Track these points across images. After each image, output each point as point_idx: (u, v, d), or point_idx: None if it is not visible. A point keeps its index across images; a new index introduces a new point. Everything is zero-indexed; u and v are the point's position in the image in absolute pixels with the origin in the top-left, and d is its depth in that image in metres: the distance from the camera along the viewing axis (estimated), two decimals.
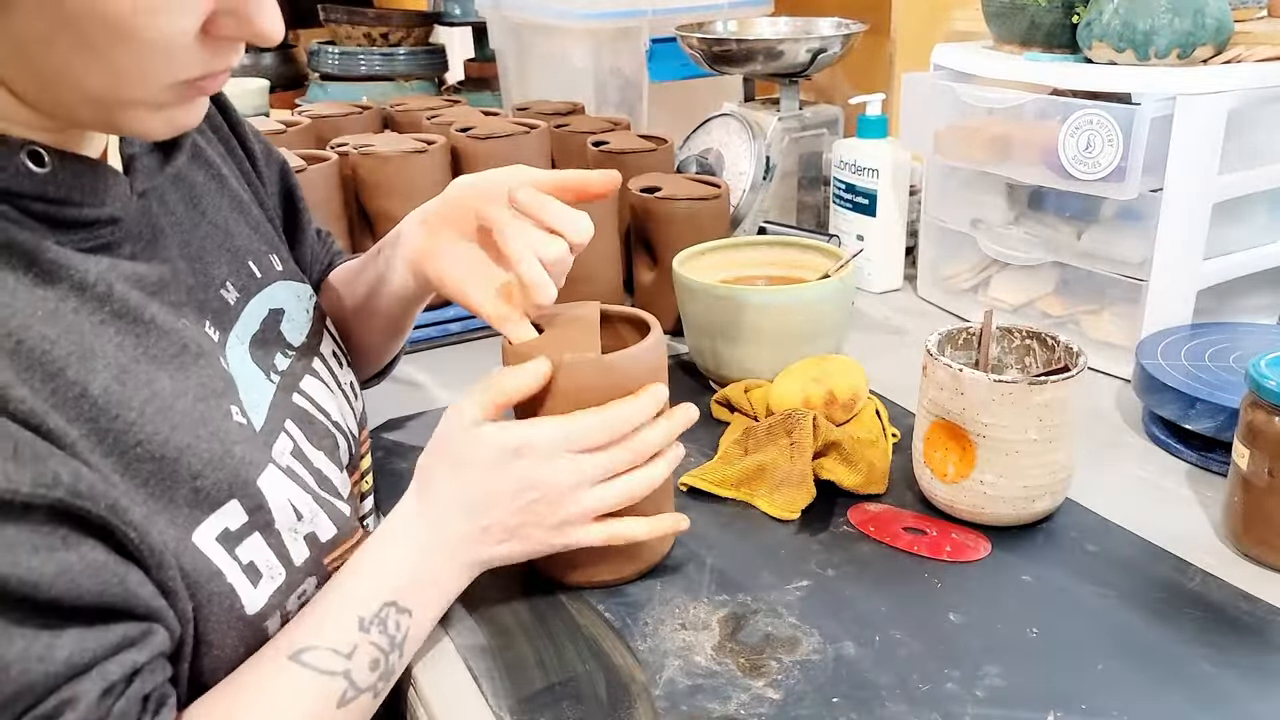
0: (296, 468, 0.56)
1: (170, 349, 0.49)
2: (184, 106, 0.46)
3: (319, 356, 0.64)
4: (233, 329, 0.57)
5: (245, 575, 0.49)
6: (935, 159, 1.06)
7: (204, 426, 0.49)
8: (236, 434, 0.51)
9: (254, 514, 0.50)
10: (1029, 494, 0.67)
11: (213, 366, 0.52)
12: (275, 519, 0.51)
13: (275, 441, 0.55)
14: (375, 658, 0.52)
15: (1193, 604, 0.61)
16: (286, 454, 0.55)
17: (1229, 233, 0.91)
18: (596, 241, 0.98)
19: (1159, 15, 0.83)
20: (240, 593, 0.49)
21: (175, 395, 0.48)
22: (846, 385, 0.77)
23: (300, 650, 0.50)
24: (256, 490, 0.51)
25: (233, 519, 0.49)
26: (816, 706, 0.54)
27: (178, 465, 0.47)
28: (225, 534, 0.49)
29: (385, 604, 0.54)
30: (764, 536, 0.70)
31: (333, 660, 0.50)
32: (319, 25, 2.13)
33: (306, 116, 1.15)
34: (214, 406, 0.50)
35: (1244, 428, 0.64)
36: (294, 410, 0.58)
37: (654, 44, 1.36)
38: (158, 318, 0.49)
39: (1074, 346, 0.70)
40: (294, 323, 0.62)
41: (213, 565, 0.48)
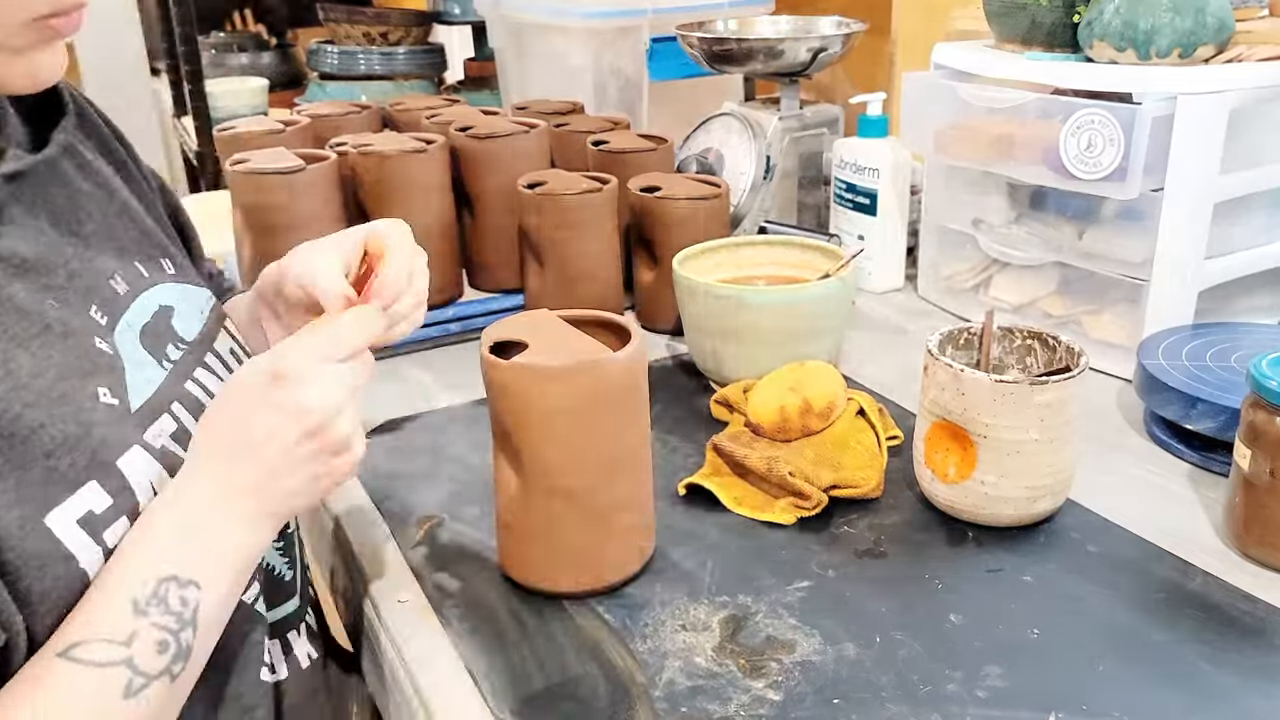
0: (177, 450, 0.55)
1: (31, 329, 0.49)
2: (42, 51, 0.47)
3: (213, 353, 0.63)
4: (123, 316, 0.57)
5: (105, 559, 0.48)
6: (936, 158, 1.06)
7: (62, 406, 0.48)
8: (102, 415, 0.50)
9: (117, 496, 0.49)
10: (1030, 495, 0.67)
11: (81, 347, 0.52)
12: (140, 501, 0.50)
13: (155, 422, 0.54)
14: (161, 639, 0.48)
15: (1194, 604, 0.61)
16: (165, 435, 0.54)
17: (1230, 232, 0.90)
18: (596, 241, 0.98)
19: (1160, 14, 0.83)
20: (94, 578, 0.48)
21: (33, 374, 0.48)
22: (822, 393, 0.76)
23: (71, 646, 0.46)
24: (117, 471, 0.50)
25: (95, 501, 0.48)
26: (817, 708, 0.54)
27: (29, 443, 0.46)
28: (89, 516, 0.48)
29: (162, 580, 0.48)
30: (764, 537, 0.69)
31: (108, 650, 0.46)
32: (318, 25, 2.13)
33: (305, 116, 1.15)
34: (77, 386, 0.50)
35: (1245, 428, 0.64)
36: (184, 395, 0.58)
37: (654, 43, 1.36)
38: (17, 297, 0.49)
39: (1075, 347, 0.70)
40: (185, 320, 0.62)
41: (63, 549, 0.46)
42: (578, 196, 0.95)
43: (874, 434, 0.78)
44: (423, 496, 0.76)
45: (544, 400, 0.58)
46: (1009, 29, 0.97)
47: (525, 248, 1.00)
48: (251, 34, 2.65)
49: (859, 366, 0.95)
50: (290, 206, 0.94)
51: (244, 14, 2.85)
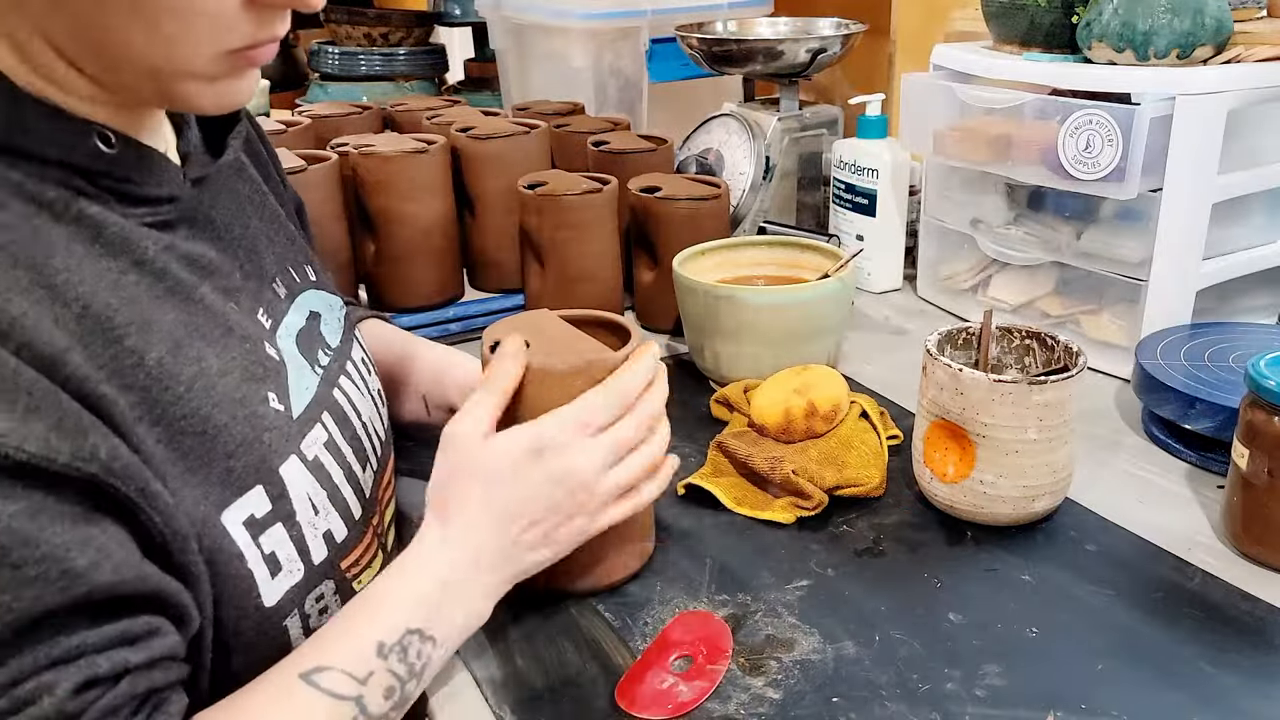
0: (326, 460, 0.56)
1: (217, 330, 0.50)
2: (234, 79, 0.48)
3: (350, 360, 0.65)
4: (283, 320, 0.58)
5: (265, 564, 0.49)
6: (935, 159, 1.06)
7: (242, 408, 0.50)
8: (270, 420, 0.52)
9: (277, 502, 0.50)
10: (1029, 494, 0.67)
11: (257, 351, 0.53)
12: (296, 510, 0.52)
13: (310, 430, 0.55)
14: (391, 685, 0.50)
15: (1192, 604, 0.61)
16: (318, 444, 0.55)
17: (1228, 233, 0.91)
18: (596, 241, 0.98)
19: (1158, 15, 0.83)
20: (259, 581, 0.49)
21: (220, 374, 0.49)
22: (827, 396, 0.76)
23: (313, 670, 0.48)
24: (279, 479, 0.51)
25: (258, 505, 0.49)
26: (816, 706, 0.54)
27: (215, 443, 0.47)
28: (251, 520, 0.49)
29: (409, 631, 0.51)
30: (764, 536, 0.70)
31: (346, 684, 0.48)
32: (319, 25, 2.13)
33: (307, 116, 1.15)
34: (253, 390, 0.51)
35: (1243, 428, 0.64)
36: (332, 404, 0.59)
37: (654, 44, 1.37)
38: (207, 298, 0.51)
39: (1073, 346, 0.70)
40: (329, 326, 0.63)
41: (236, 547, 0.48)
42: (578, 197, 0.95)
43: (876, 435, 0.78)
44: (423, 497, 0.76)
45: (544, 400, 0.59)
46: (1007, 30, 0.97)
47: (525, 248, 1.00)
48: None
49: (858, 366, 0.95)
50: None
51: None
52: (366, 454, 0.61)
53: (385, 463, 0.65)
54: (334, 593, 0.54)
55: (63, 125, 0.45)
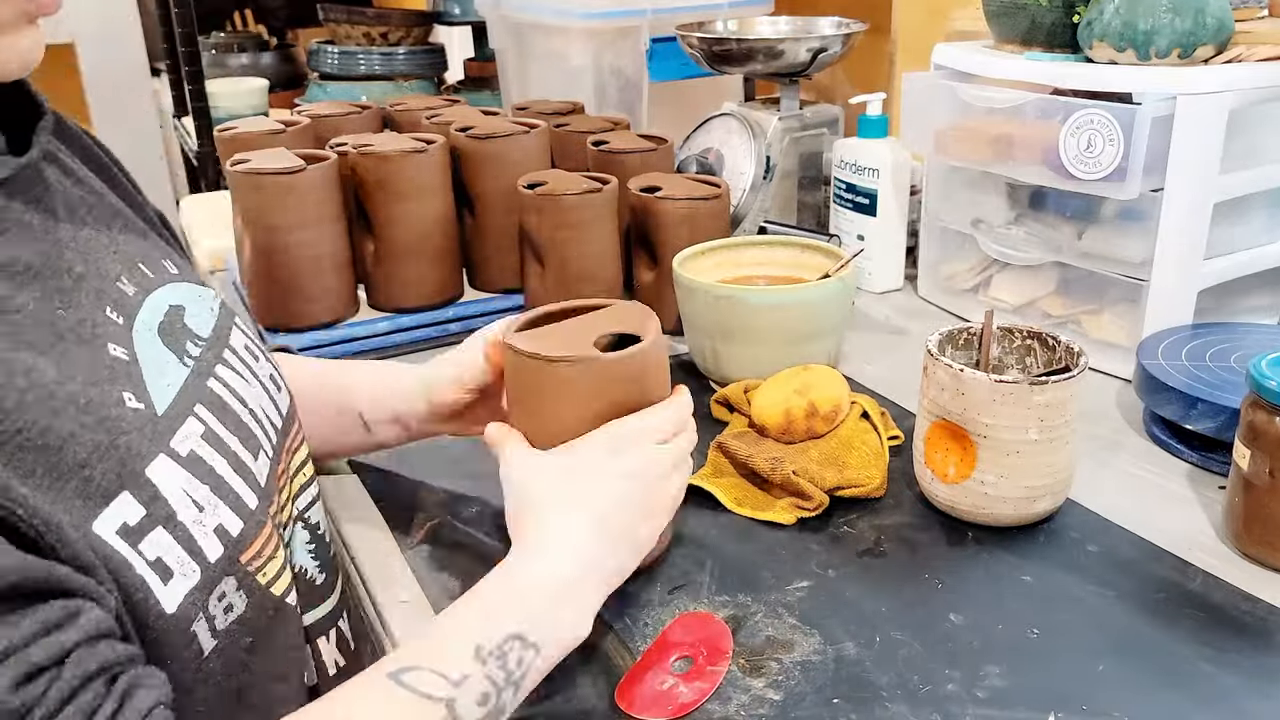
0: (205, 453, 0.53)
1: (47, 336, 0.48)
2: (23, 32, 0.47)
3: (229, 348, 0.62)
4: (138, 315, 0.56)
5: (154, 571, 0.47)
6: (936, 159, 1.06)
7: (88, 414, 0.47)
8: (128, 421, 0.49)
9: (151, 505, 0.48)
10: (1030, 494, 0.67)
11: (101, 352, 0.51)
12: (175, 511, 0.49)
13: (181, 426, 0.53)
14: (486, 691, 0.48)
15: (1193, 604, 0.61)
16: (193, 438, 0.53)
17: (1230, 232, 0.90)
18: (596, 242, 0.98)
19: (1160, 15, 0.83)
20: (152, 588, 0.46)
21: (58, 382, 0.46)
22: (828, 397, 0.76)
23: (403, 669, 0.47)
24: (147, 480, 0.49)
25: (130, 512, 0.47)
26: (817, 707, 0.54)
27: (62, 455, 0.45)
28: (125, 528, 0.46)
29: (510, 636, 0.50)
30: (764, 537, 0.69)
31: (436, 684, 0.47)
32: (318, 25, 2.13)
33: (306, 116, 1.15)
34: (104, 392, 0.49)
35: (1245, 428, 0.64)
36: (207, 395, 0.57)
37: (654, 44, 1.36)
38: (29, 306, 0.48)
39: (1075, 347, 0.70)
40: (197, 317, 0.61)
41: (119, 555, 0.45)
42: (578, 197, 0.95)
43: (877, 435, 0.78)
44: (423, 496, 0.76)
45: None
46: (1008, 29, 0.97)
47: (525, 248, 1.00)
48: (252, 34, 2.65)
49: (859, 366, 0.95)
50: (290, 206, 0.94)
51: (244, 14, 2.85)
52: (258, 441, 0.59)
53: (282, 449, 0.63)
54: (237, 589, 0.51)
55: None
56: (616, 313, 0.65)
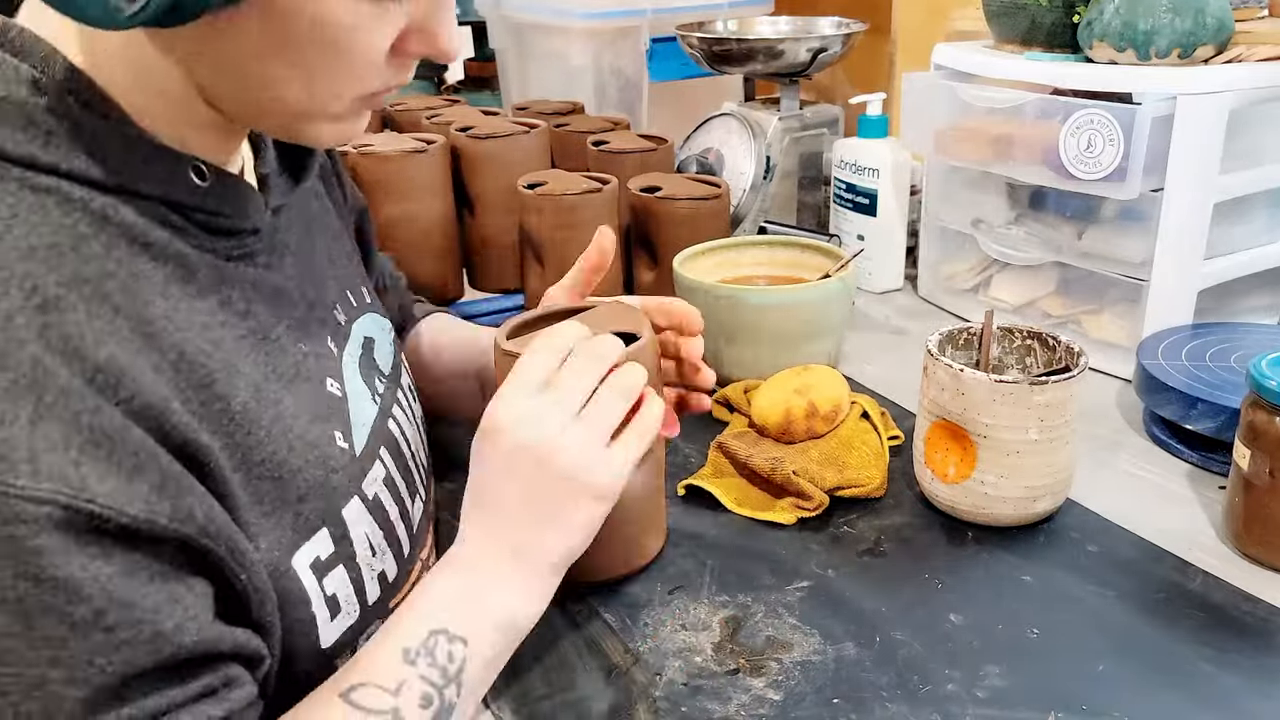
0: (384, 498, 0.55)
1: (291, 369, 0.50)
2: (355, 119, 0.48)
3: (401, 387, 0.64)
4: (346, 346, 0.57)
5: (327, 607, 0.49)
6: (936, 159, 1.06)
7: (313, 450, 0.49)
8: (336, 460, 0.51)
9: (339, 544, 0.50)
10: (1030, 494, 0.67)
11: (321, 388, 0.52)
12: (356, 552, 0.51)
13: (371, 468, 0.54)
14: (426, 692, 0.48)
15: (1193, 604, 0.61)
16: (378, 482, 0.55)
17: (1230, 232, 0.90)
18: None
19: (1160, 15, 0.83)
20: (319, 624, 0.48)
21: (294, 416, 0.49)
22: (828, 397, 0.76)
23: (350, 688, 0.47)
24: (342, 520, 0.50)
25: (323, 548, 0.49)
26: (817, 707, 0.54)
27: (289, 487, 0.47)
28: (317, 562, 0.48)
29: (432, 632, 0.49)
30: (764, 537, 0.69)
31: (379, 698, 0.47)
32: None
33: None
34: (322, 430, 0.51)
35: (1245, 428, 0.64)
36: (388, 437, 0.58)
37: (654, 44, 1.36)
38: (283, 338, 0.50)
39: (1075, 347, 0.70)
40: (382, 350, 0.63)
41: (304, 592, 0.47)
42: (578, 196, 0.95)
43: (877, 435, 0.78)
44: None
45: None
46: (1009, 29, 0.97)
47: (525, 248, 1.00)
48: None
49: (859, 366, 0.95)
50: None
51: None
52: (416, 485, 0.60)
53: (429, 491, 0.65)
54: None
55: (164, 160, 0.44)
56: (607, 312, 0.65)
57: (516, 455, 0.53)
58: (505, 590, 0.53)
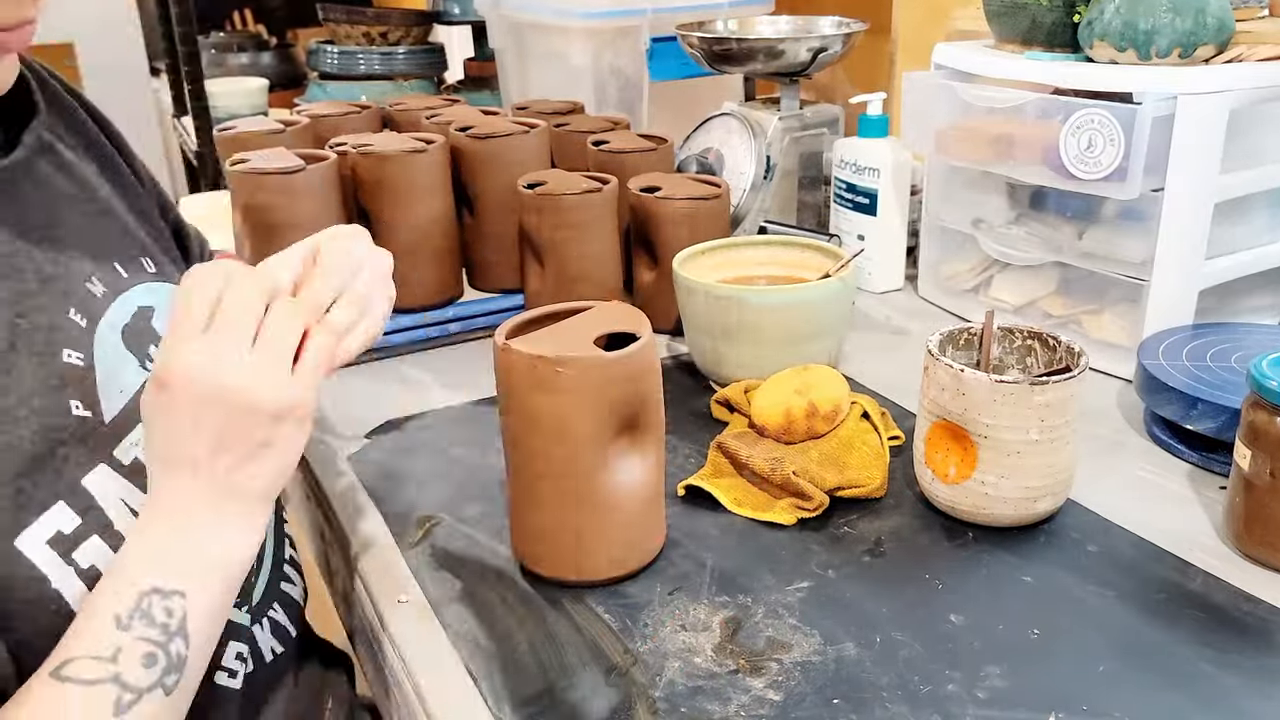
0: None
1: (1, 345, 0.49)
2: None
3: None
4: (102, 317, 0.56)
5: (80, 579, 0.47)
6: (936, 158, 1.06)
7: (31, 424, 0.48)
8: (70, 431, 0.50)
9: (86, 515, 0.48)
10: (1030, 495, 0.67)
11: (53, 361, 0.51)
12: (113, 520, 0.50)
13: (127, 434, 0.53)
14: (149, 652, 0.47)
15: (1194, 605, 0.61)
16: (140, 447, 0.53)
17: (1231, 232, 0.90)
18: (596, 242, 0.98)
19: (1160, 15, 0.83)
20: (72, 600, 0.47)
21: (3, 392, 0.47)
22: (828, 397, 0.76)
23: (61, 664, 0.46)
24: (83, 490, 0.49)
25: (64, 521, 0.48)
26: (817, 708, 0.54)
27: (0, 465, 0.46)
28: (58, 537, 0.47)
29: (143, 594, 0.47)
30: (764, 537, 0.69)
31: (94, 668, 0.46)
32: (318, 25, 2.13)
33: (305, 116, 1.15)
34: (49, 403, 0.49)
35: (1245, 428, 0.64)
36: None
37: (654, 43, 1.36)
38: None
39: (1075, 347, 0.70)
40: (166, 320, 0.60)
41: (36, 570, 0.46)
42: (578, 196, 0.95)
43: (878, 435, 0.78)
44: (423, 496, 0.76)
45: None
46: (1009, 29, 0.97)
47: (525, 248, 1.00)
48: (251, 34, 2.65)
49: (859, 366, 0.95)
50: (290, 206, 0.94)
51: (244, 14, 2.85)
52: None
53: None
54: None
55: None
56: (606, 313, 0.65)
57: (201, 407, 0.49)
58: (216, 531, 0.50)
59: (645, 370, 0.62)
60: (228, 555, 0.51)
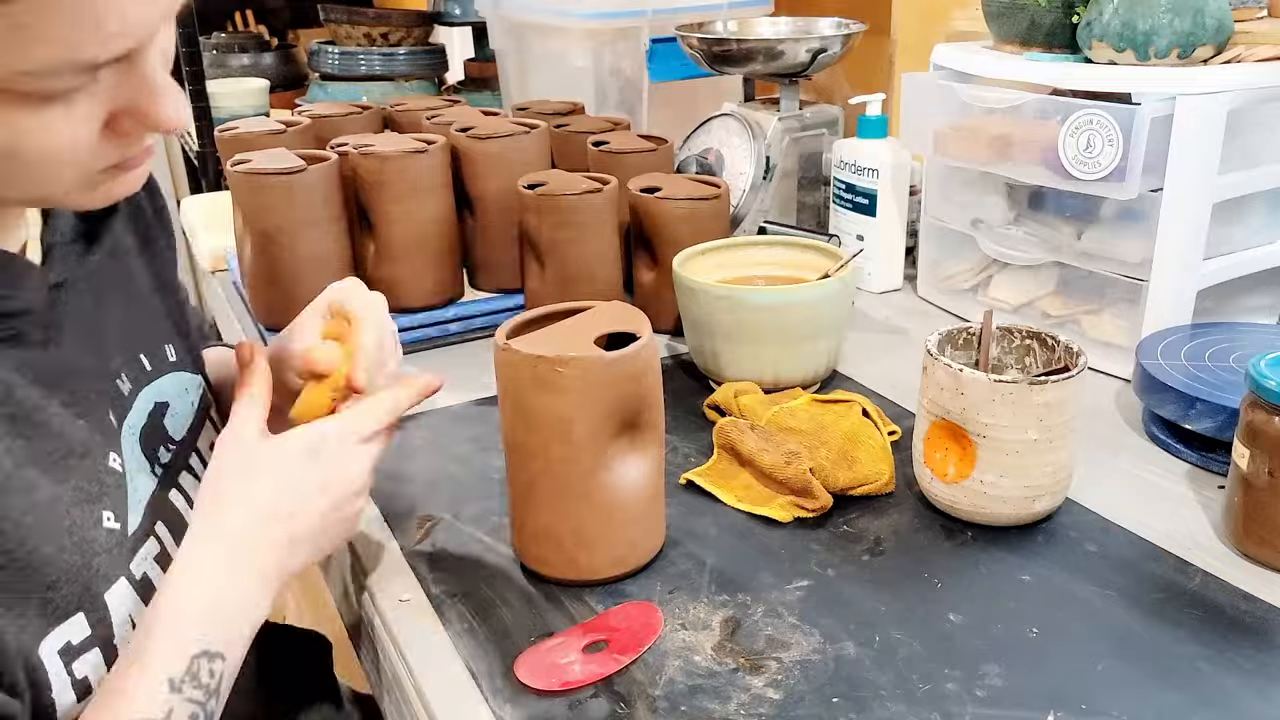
0: (155, 575, 0.54)
1: (57, 452, 0.49)
2: (114, 184, 0.48)
3: (196, 452, 0.63)
4: (126, 418, 0.56)
5: (73, 690, 0.48)
6: (935, 159, 1.06)
7: (70, 536, 0.48)
8: (102, 543, 0.50)
9: (96, 628, 0.49)
10: (1029, 494, 0.67)
11: (95, 468, 0.51)
12: (115, 634, 0.50)
13: (141, 547, 0.54)
14: (193, 713, 0.49)
15: (1192, 604, 0.61)
16: (149, 560, 0.54)
17: (1229, 233, 0.91)
18: (596, 241, 0.98)
19: (1159, 15, 0.83)
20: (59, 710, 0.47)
21: (51, 502, 0.48)
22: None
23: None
24: (103, 604, 0.50)
25: (76, 633, 0.48)
26: (816, 706, 0.54)
27: (35, 576, 0.46)
28: (67, 647, 0.47)
29: (194, 657, 0.49)
30: (764, 537, 0.70)
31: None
32: (319, 25, 2.13)
33: (306, 116, 1.15)
34: (87, 513, 0.50)
35: (1244, 428, 0.64)
36: (168, 511, 0.57)
37: (654, 44, 1.36)
38: (53, 420, 0.49)
39: (1074, 346, 0.70)
40: (176, 416, 0.62)
41: (48, 680, 0.46)
42: (578, 197, 0.95)
43: (879, 431, 0.78)
44: (423, 496, 0.76)
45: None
46: (1008, 29, 0.97)
47: (525, 248, 1.00)
48: (253, 35, 2.65)
49: (859, 366, 0.95)
50: (291, 207, 0.94)
51: (245, 15, 2.85)
52: None
53: None
54: None
55: None
56: (606, 313, 0.65)
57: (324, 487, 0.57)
58: (258, 598, 0.54)
59: (645, 370, 0.62)
60: (259, 619, 0.54)
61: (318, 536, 0.57)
